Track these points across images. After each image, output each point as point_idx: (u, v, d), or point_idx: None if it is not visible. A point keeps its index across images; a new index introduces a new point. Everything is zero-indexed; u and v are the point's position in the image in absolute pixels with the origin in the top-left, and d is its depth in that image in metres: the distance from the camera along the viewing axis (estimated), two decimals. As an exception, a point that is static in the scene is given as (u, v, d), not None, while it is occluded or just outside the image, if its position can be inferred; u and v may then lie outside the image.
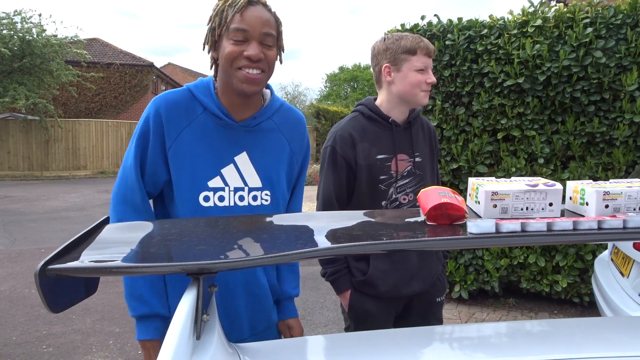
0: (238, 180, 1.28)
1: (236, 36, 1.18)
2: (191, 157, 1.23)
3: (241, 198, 1.28)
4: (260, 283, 1.33)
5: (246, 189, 1.29)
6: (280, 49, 1.28)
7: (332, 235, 0.97)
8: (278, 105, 1.38)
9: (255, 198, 1.30)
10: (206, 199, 1.25)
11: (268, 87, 1.39)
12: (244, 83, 1.21)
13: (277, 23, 1.25)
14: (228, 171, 1.27)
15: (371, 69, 1.81)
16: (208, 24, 1.25)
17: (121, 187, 1.26)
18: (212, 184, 1.25)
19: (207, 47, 1.28)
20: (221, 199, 1.26)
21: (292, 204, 1.47)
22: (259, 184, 1.31)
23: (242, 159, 1.29)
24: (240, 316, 1.30)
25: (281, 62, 1.32)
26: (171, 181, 1.25)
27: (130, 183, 1.25)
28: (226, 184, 1.26)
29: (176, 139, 1.23)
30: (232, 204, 1.27)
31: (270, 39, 1.22)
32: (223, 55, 1.20)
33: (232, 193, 1.27)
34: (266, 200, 1.32)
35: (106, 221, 1.02)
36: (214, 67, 1.29)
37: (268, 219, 1.10)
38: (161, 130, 1.23)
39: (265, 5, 1.23)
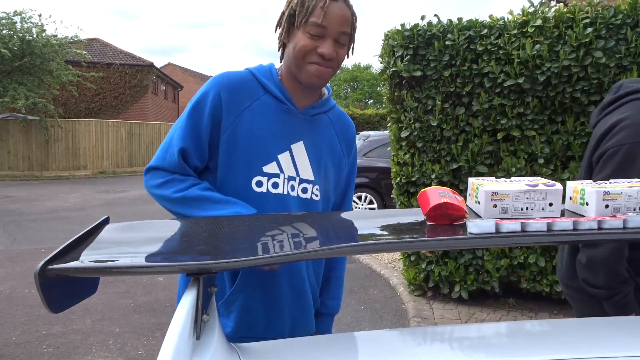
0: (291, 169, 1.24)
1: (314, 31, 1.15)
2: (248, 139, 1.20)
3: (292, 188, 1.24)
4: (304, 280, 1.28)
5: (297, 179, 1.24)
6: (352, 42, 1.26)
7: (332, 235, 0.97)
8: (333, 104, 1.37)
9: (304, 190, 1.26)
10: (259, 184, 1.20)
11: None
12: (313, 77, 1.19)
13: (354, 19, 1.22)
14: (284, 158, 1.23)
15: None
16: (286, 7, 1.21)
17: (159, 160, 1.22)
18: (267, 169, 1.21)
19: (279, 29, 1.25)
20: (275, 185, 1.22)
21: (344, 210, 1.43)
22: (311, 176, 1.27)
23: (298, 148, 1.25)
24: (283, 312, 1.25)
25: (353, 54, 1.30)
26: (220, 163, 1.21)
27: (172, 160, 1.21)
28: (282, 170, 1.22)
29: (235, 119, 1.19)
30: (285, 192, 1.23)
31: (345, 38, 1.19)
32: (297, 46, 1.17)
33: (286, 181, 1.23)
34: (316, 195, 1.28)
35: (106, 221, 1.02)
36: (281, 49, 1.27)
37: (269, 219, 1.10)
38: (219, 112, 1.19)
39: (346, 0, 1.20)
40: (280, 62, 1.30)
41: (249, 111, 1.20)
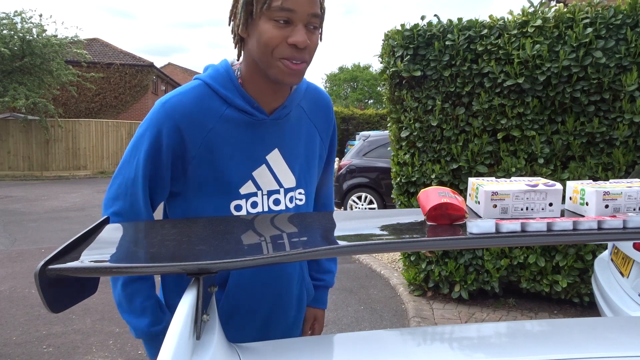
0: (272, 182, 1.12)
1: (279, 16, 0.96)
2: (219, 164, 1.06)
3: (276, 202, 1.13)
4: (290, 285, 1.21)
5: (282, 190, 1.14)
6: (321, 26, 1.06)
7: (332, 235, 0.97)
8: (305, 87, 1.18)
9: (291, 199, 1.16)
10: (237, 208, 1.10)
11: None
12: (288, 76, 1.00)
13: None
14: (260, 173, 1.11)
15: None
16: None
17: (120, 205, 1.07)
18: (243, 190, 1.09)
19: (234, 21, 1.04)
20: (254, 205, 1.11)
21: (325, 190, 1.33)
22: (293, 182, 1.16)
23: (274, 157, 1.12)
24: (255, 320, 1.19)
25: (322, 40, 1.10)
26: (193, 191, 1.08)
27: (137, 212, 1.07)
28: (258, 187, 1.11)
29: (201, 145, 1.04)
30: (266, 209, 1.12)
31: (316, 21, 1.00)
32: (261, 40, 0.98)
33: (265, 197, 1.12)
34: (300, 200, 1.18)
35: (106, 221, 1.02)
36: (238, 46, 1.06)
37: (269, 219, 1.10)
38: (181, 145, 1.03)
39: None
40: (238, 59, 1.10)
41: (214, 133, 1.05)
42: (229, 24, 1.06)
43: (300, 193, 1.19)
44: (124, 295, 1.09)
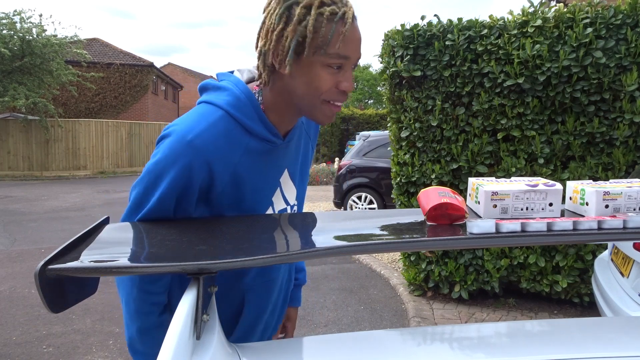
0: (282, 202, 1.16)
1: (335, 63, 0.96)
2: (244, 194, 1.06)
3: None
4: (280, 294, 1.25)
5: (288, 208, 1.18)
6: None
7: (333, 235, 0.97)
8: None
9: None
10: None
11: None
12: (327, 118, 1.03)
13: None
14: (276, 196, 1.14)
15: None
16: (288, 29, 0.95)
17: None
18: None
19: (271, 53, 0.98)
20: None
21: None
22: (294, 198, 1.20)
23: (284, 178, 1.15)
24: (260, 325, 1.21)
25: None
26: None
27: None
28: (273, 210, 1.14)
29: (228, 181, 1.03)
30: None
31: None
32: (313, 84, 0.97)
33: None
34: (293, 210, 1.22)
35: (106, 221, 1.02)
36: (268, 74, 1.02)
37: (269, 219, 1.10)
38: (209, 180, 1.01)
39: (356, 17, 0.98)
40: (261, 84, 1.05)
41: (240, 166, 1.03)
42: (258, 49, 1.02)
43: (294, 203, 1.22)
44: (140, 342, 1.09)
